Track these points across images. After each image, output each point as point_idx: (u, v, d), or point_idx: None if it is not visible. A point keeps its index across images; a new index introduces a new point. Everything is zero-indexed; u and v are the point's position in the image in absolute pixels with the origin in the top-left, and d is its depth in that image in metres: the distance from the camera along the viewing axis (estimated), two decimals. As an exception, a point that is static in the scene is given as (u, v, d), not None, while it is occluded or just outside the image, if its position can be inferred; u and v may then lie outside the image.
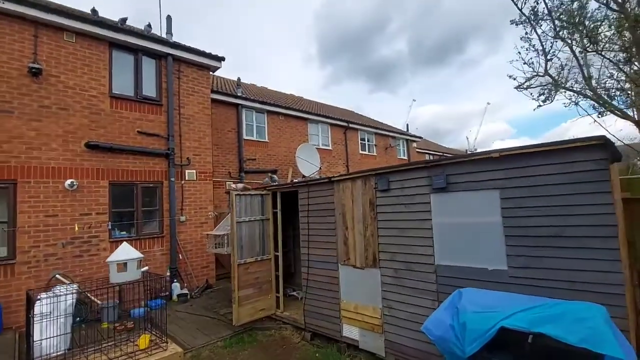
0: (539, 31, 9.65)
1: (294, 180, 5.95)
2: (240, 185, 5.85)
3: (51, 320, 3.79)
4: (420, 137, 20.62)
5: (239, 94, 11.33)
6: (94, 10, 8.19)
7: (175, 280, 7.44)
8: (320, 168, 10.98)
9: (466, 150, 29.12)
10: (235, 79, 13.06)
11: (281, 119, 12.56)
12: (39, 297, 3.86)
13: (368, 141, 16.53)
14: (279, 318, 5.85)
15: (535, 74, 9.97)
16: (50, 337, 3.63)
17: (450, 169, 3.77)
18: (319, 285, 5.15)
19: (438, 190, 3.85)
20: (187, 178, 8.14)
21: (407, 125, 20.99)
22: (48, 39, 6.50)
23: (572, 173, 2.97)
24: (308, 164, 10.71)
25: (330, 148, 14.35)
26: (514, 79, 10.36)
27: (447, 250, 3.79)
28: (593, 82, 9.31)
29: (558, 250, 3.04)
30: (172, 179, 7.76)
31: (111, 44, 7.27)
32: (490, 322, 2.68)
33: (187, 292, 7.40)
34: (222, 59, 8.94)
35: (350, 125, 15.25)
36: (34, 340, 3.49)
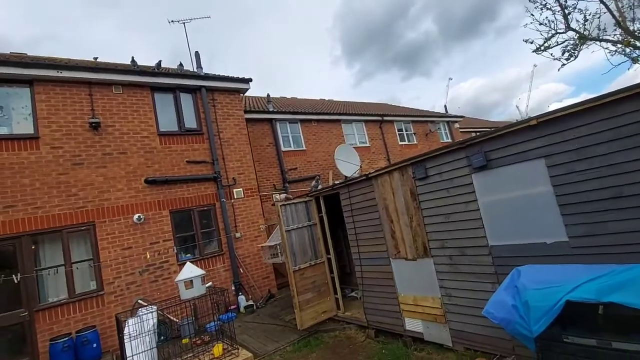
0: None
1: (334, 182, 6.06)
2: (282, 196, 6.12)
3: (139, 339, 4.29)
4: (461, 117, 19.67)
5: (270, 109, 11.78)
6: (133, 61, 9.11)
7: (240, 294, 7.91)
8: (360, 166, 10.98)
9: (516, 120, 27.18)
10: (265, 95, 13.59)
11: (314, 125, 12.79)
12: (126, 320, 4.39)
13: (406, 131, 16.17)
14: (341, 319, 5.96)
15: (555, 31, 9.24)
16: (139, 353, 4.11)
17: (487, 145, 3.63)
18: (374, 282, 5.18)
19: (478, 169, 3.72)
20: (235, 197, 8.64)
21: (445, 106, 20.18)
22: (100, 94, 7.36)
23: (620, 128, 2.73)
24: (348, 164, 10.77)
25: (368, 145, 14.28)
26: (531, 42, 9.68)
27: (499, 230, 3.65)
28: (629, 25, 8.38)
29: (621, 212, 2.80)
30: (223, 200, 8.29)
31: (152, 87, 8.01)
32: (555, 298, 2.55)
33: (252, 303, 7.82)
34: (250, 80, 9.39)
35: (385, 118, 15.05)
36: (126, 357, 3.97)
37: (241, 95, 9.57)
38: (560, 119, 3.08)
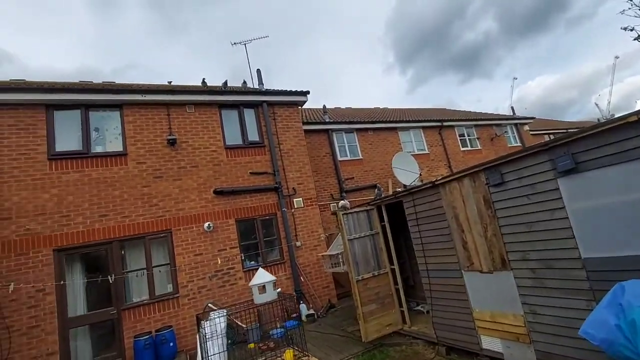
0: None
1: (396, 190, 5.91)
2: (342, 202, 6.11)
3: (212, 341, 4.53)
4: (532, 118, 18.08)
5: (327, 120, 11.97)
6: (203, 82, 9.92)
7: (301, 302, 8.00)
8: (420, 174, 10.59)
9: (598, 119, 24.23)
10: (321, 107, 13.86)
11: (371, 134, 12.70)
12: (202, 323, 4.68)
13: (468, 136, 15.30)
14: (407, 333, 5.71)
15: None
16: (214, 354, 4.34)
17: (575, 147, 3.27)
18: (444, 295, 4.89)
19: (565, 172, 3.36)
20: (295, 206, 8.84)
21: (512, 108, 18.74)
22: (176, 114, 8.10)
23: None
24: (406, 173, 10.46)
25: (427, 152, 13.76)
26: (631, 30, 8.45)
27: (594, 240, 3.23)
28: None
29: None
30: (284, 209, 8.54)
31: (220, 105, 8.63)
32: (672, 318, 2.17)
33: (313, 312, 7.85)
34: (307, 92, 9.67)
35: (444, 123, 14.42)
36: (208, 355, 4.22)
37: (299, 107, 9.88)
38: (671, 112, 2.67)
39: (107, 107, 7.54)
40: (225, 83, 9.36)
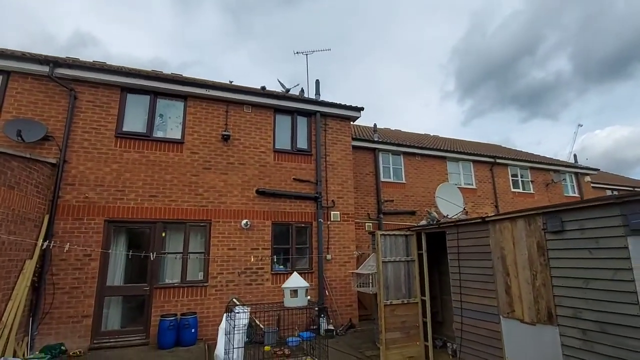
0: None
1: (441, 220, 5.71)
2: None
3: (231, 335, 4.59)
4: (596, 170, 16.74)
5: (375, 139, 11.93)
6: (263, 87, 10.36)
7: (322, 316, 7.89)
8: (464, 209, 10.16)
9: (671, 182, 21.87)
10: (372, 125, 13.87)
11: (418, 159, 12.45)
12: (230, 314, 4.78)
13: (522, 177, 14.47)
14: (428, 370, 5.41)
15: None
16: (234, 349, 4.40)
17: (656, 205, 2.97)
18: (476, 339, 4.59)
19: (638, 231, 3.05)
20: (332, 219, 8.83)
21: (575, 155, 17.49)
22: (234, 112, 8.51)
23: None
24: (449, 204, 10.09)
25: (474, 187, 13.20)
26: None
27: (664, 312, 2.88)
28: None
29: None
30: (320, 220, 8.56)
31: (275, 109, 8.94)
32: None
33: (333, 328, 7.70)
34: (361, 109, 9.73)
35: (497, 160, 13.78)
36: (233, 346, 4.30)
37: (351, 122, 9.96)
38: None
39: (173, 97, 8.10)
40: (287, 90, 9.78)
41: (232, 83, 11.92)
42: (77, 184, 6.90)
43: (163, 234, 7.34)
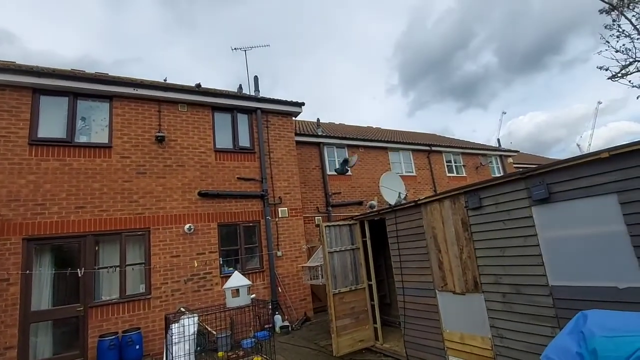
0: (630, 15, 8.75)
1: (380, 207, 5.98)
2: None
3: (180, 345, 4.41)
4: (515, 151, 18.69)
5: (319, 133, 12.09)
6: (198, 85, 9.95)
7: (277, 313, 7.88)
8: (406, 195, 10.74)
9: (577, 159, 25.08)
10: (315, 120, 14.02)
11: (361, 151, 12.86)
12: (170, 324, 4.56)
13: (455, 162, 15.67)
14: (379, 350, 5.68)
15: (633, 59, 8.80)
16: (181, 356, 4.23)
17: (550, 177, 3.41)
18: (417, 314, 4.92)
19: (539, 201, 3.49)
20: (280, 215, 8.81)
21: (498, 140, 19.33)
22: (168, 111, 8.07)
23: None
24: (393, 192, 10.60)
25: (414, 174, 14.00)
26: (606, 70, 9.22)
27: (562, 269, 3.33)
28: None
29: None
30: (268, 217, 8.49)
31: (213, 107, 8.64)
32: (629, 348, 2.24)
33: (288, 324, 7.73)
34: (302, 104, 9.79)
35: (433, 148, 14.75)
36: (172, 358, 4.10)
37: (293, 118, 9.97)
38: (637, 152, 2.83)
39: (96, 98, 7.45)
40: (240, 87, 9.60)
41: (167, 81, 11.28)
42: (-15, 201, 6.08)
43: (96, 248, 6.77)
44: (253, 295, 4.65)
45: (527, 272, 3.59)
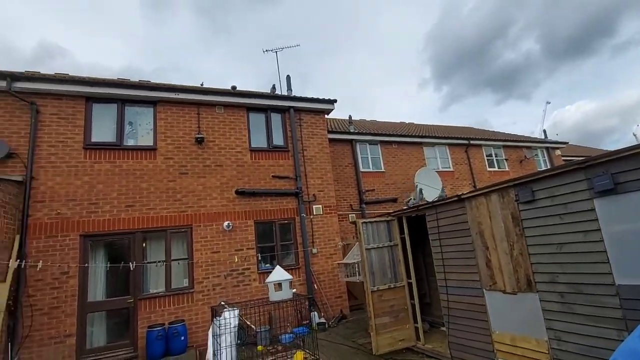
0: None
1: (420, 203, 5.80)
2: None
3: (223, 336, 4.54)
4: (564, 143, 17.43)
5: (351, 130, 11.99)
6: (233, 87, 10.20)
7: (313, 310, 7.90)
8: (443, 191, 10.39)
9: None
10: (347, 117, 13.92)
11: (395, 147, 12.60)
12: (216, 316, 4.71)
13: (496, 156, 14.91)
14: (421, 350, 5.51)
15: None
16: (225, 347, 4.36)
17: (616, 166, 3.11)
18: (462, 314, 4.71)
19: (603, 193, 3.20)
20: (314, 213, 8.83)
21: (545, 131, 18.15)
22: (206, 114, 8.35)
23: None
24: (429, 189, 10.29)
25: (451, 169, 13.50)
26: None
27: (630, 267, 3.03)
28: None
29: None
30: (303, 215, 8.54)
31: (248, 108, 8.83)
32: None
33: (324, 321, 7.73)
34: (334, 101, 9.75)
35: (471, 142, 14.13)
36: (218, 349, 4.24)
37: (325, 115, 9.95)
38: None
39: (142, 103, 7.86)
40: (273, 88, 9.90)
41: (204, 85, 11.68)
42: (47, 201, 6.61)
43: (144, 244, 7.15)
44: (294, 290, 4.68)
45: (588, 270, 3.30)
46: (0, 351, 5.46)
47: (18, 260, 5.88)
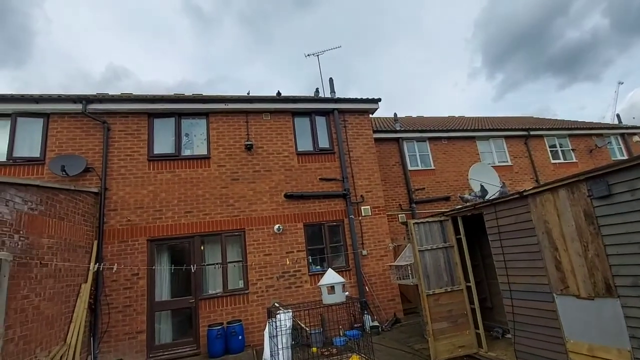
0: None
1: (476, 201, 5.47)
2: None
3: (278, 337, 4.66)
4: (643, 128, 15.40)
5: (397, 128, 11.69)
6: (278, 93, 10.49)
7: (365, 313, 7.80)
8: (501, 187, 9.69)
9: None
10: (392, 115, 13.60)
11: (444, 143, 12.05)
12: (272, 317, 4.86)
13: (561, 147, 13.56)
14: (483, 358, 5.16)
15: None
16: (281, 349, 4.46)
17: None
18: (530, 321, 4.33)
19: (701, 184, 2.74)
20: (363, 214, 8.73)
21: (618, 115, 16.21)
22: (254, 121, 8.67)
23: None
24: (485, 185, 9.66)
25: (509, 163, 12.56)
26: None
27: None
28: None
29: None
30: (351, 216, 8.49)
31: (293, 113, 9.01)
32: None
33: (378, 324, 7.59)
34: (379, 100, 9.57)
35: (531, 132, 13.02)
36: (275, 349, 4.36)
37: (370, 115, 9.81)
38: None
39: (195, 115, 8.40)
40: (317, 91, 10.05)
41: (250, 94, 12.17)
42: (119, 209, 7.31)
43: (202, 247, 7.60)
44: (347, 293, 4.65)
45: (685, 274, 2.86)
46: (84, 344, 6.14)
47: (97, 265, 6.58)
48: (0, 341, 4.06)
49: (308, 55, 12.53)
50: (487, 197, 7.75)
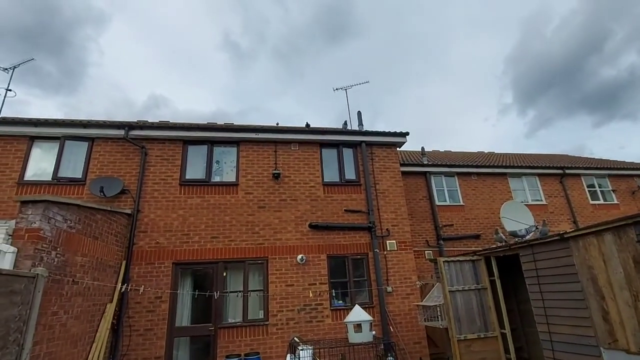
0: None
1: (513, 241, 5.20)
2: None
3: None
4: (691, 170, 14.39)
5: (424, 162, 11.57)
6: (307, 124, 10.78)
7: (390, 355, 7.35)
8: (535, 227, 9.21)
9: None
10: (419, 149, 13.53)
11: (474, 178, 11.75)
12: (287, 353, 4.68)
13: (600, 187, 12.87)
14: (520, 417, 4.68)
15: None
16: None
17: None
18: (574, 378, 3.92)
19: None
20: (388, 248, 8.49)
21: (661, 157, 15.24)
22: (282, 151, 8.88)
23: None
24: (518, 224, 9.23)
25: (544, 202, 11.99)
26: None
27: None
28: None
29: None
30: (376, 250, 8.27)
31: (320, 144, 9.17)
32: None
33: (402, 368, 7.12)
34: (407, 134, 9.59)
35: (567, 171, 12.49)
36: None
37: (397, 148, 9.81)
38: None
39: (227, 144, 8.72)
40: (345, 124, 10.24)
41: (279, 124, 12.56)
42: (149, 231, 7.52)
43: (224, 274, 7.60)
44: (374, 332, 4.43)
45: None
46: (104, 366, 6.12)
47: (125, 286, 6.70)
48: (28, 357, 4.13)
49: (336, 89, 12.90)
50: (526, 237, 7.38)
